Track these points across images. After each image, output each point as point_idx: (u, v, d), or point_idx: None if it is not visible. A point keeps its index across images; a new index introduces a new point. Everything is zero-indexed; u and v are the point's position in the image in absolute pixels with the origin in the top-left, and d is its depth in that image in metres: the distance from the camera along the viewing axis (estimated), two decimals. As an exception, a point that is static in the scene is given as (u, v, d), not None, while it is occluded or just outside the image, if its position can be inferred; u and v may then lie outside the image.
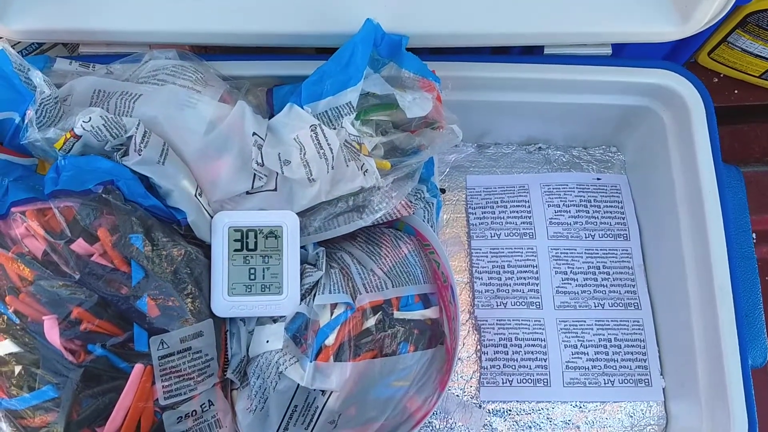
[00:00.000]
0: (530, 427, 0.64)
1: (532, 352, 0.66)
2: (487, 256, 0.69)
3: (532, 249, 0.70)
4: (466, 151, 0.74)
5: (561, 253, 0.70)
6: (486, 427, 0.64)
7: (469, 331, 0.67)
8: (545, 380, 0.65)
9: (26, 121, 0.48)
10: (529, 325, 0.67)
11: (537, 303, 0.68)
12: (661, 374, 0.66)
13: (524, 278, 0.69)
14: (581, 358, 0.66)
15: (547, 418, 0.65)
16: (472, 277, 0.69)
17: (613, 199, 0.72)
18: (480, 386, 0.64)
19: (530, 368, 0.65)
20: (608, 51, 0.62)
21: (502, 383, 0.65)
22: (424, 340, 0.54)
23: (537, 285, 0.69)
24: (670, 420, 0.65)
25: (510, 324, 0.67)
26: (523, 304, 0.68)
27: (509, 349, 0.66)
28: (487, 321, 0.67)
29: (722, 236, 0.59)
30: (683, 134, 0.63)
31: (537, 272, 0.69)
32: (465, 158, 0.74)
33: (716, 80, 0.80)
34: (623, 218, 0.72)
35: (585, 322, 0.68)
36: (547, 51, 0.62)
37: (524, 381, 0.65)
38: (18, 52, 0.61)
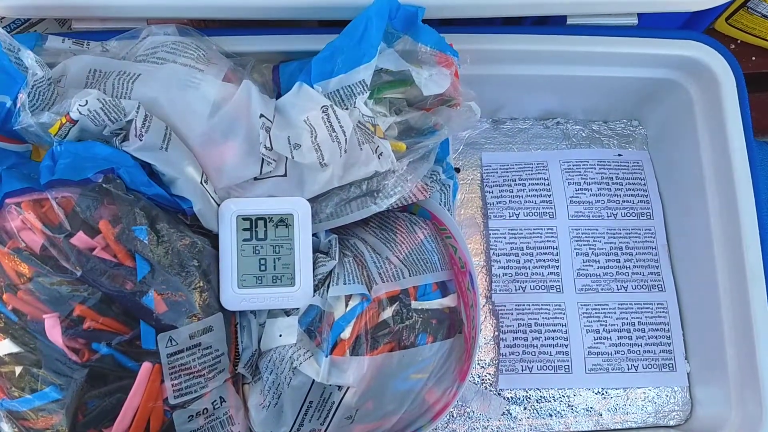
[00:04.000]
0: (551, 414, 0.63)
1: (553, 338, 0.64)
2: (505, 237, 0.67)
3: (552, 230, 0.67)
4: (480, 127, 0.72)
5: (582, 233, 0.67)
6: (505, 414, 0.62)
7: (486, 316, 0.65)
8: (567, 367, 0.63)
9: (18, 105, 0.45)
10: (549, 309, 0.65)
11: (557, 287, 0.66)
12: (686, 359, 0.64)
13: (544, 260, 0.66)
14: (604, 343, 0.64)
15: (568, 406, 0.63)
16: (489, 260, 0.66)
17: (635, 176, 0.70)
18: (498, 374, 0.62)
19: (551, 354, 0.63)
20: (634, 21, 0.59)
21: (522, 370, 0.63)
22: (442, 330, 0.52)
23: (557, 268, 0.66)
24: (695, 406, 0.63)
25: (529, 309, 0.65)
26: (543, 288, 0.66)
27: (528, 335, 0.64)
28: (505, 306, 0.65)
29: (754, 216, 0.57)
30: (712, 108, 0.61)
31: (557, 254, 0.67)
32: (479, 134, 0.71)
33: (733, 46, 0.78)
34: (646, 196, 0.69)
35: (607, 305, 0.65)
36: (570, 21, 0.59)
37: (545, 368, 0.63)
38: (4, 27, 0.59)
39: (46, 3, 0.53)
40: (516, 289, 0.65)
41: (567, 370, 0.63)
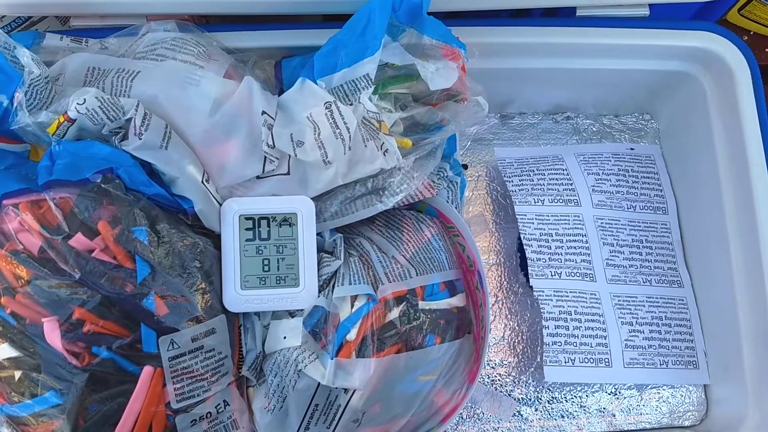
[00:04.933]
0: (563, 416, 0.61)
1: (593, 329, 0.61)
2: (533, 223, 0.64)
3: (579, 217, 0.64)
4: (488, 122, 0.70)
5: (606, 223, 0.65)
6: (516, 416, 0.61)
7: (496, 316, 0.64)
8: (606, 360, 0.60)
9: (15, 105, 0.44)
10: (585, 298, 0.62)
11: (591, 275, 0.63)
12: (705, 356, 0.63)
13: (575, 247, 0.64)
14: (638, 337, 0.61)
15: (581, 406, 0.62)
16: (510, 250, 0.64)
17: (649, 170, 0.68)
18: (543, 365, 0.59)
19: (591, 346, 0.60)
20: (645, 12, 0.58)
21: (565, 362, 0.59)
22: (451, 331, 0.51)
23: (588, 255, 0.63)
24: (710, 406, 0.62)
25: (568, 296, 0.62)
26: (578, 275, 0.63)
27: (570, 324, 0.60)
28: (543, 292, 0.61)
29: (771, 211, 0.55)
30: (726, 101, 0.60)
31: (587, 242, 0.64)
32: (487, 130, 0.70)
33: (746, 38, 0.77)
34: (660, 190, 0.67)
35: (636, 297, 0.63)
36: (579, 13, 0.58)
37: (586, 360, 0.60)
38: (5, 26, 0.58)
39: (44, 0, 0.52)
40: (552, 275, 0.62)
41: (607, 364, 0.60)
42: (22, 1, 0.53)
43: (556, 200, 0.65)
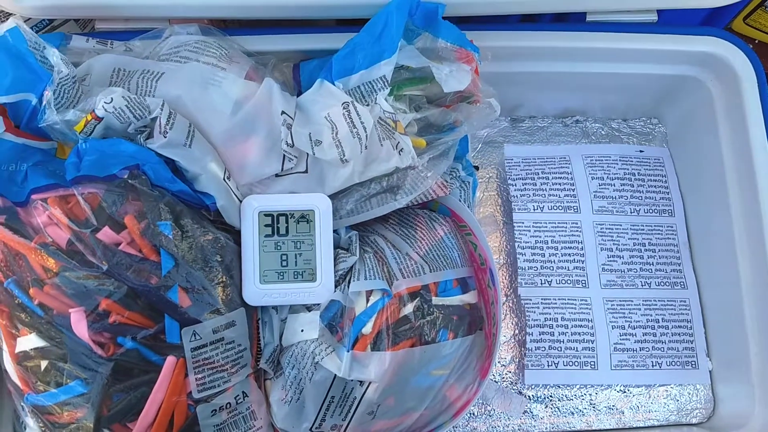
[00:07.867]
0: (572, 413, 0.62)
1: (579, 333, 0.63)
2: (530, 231, 0.66)
3: (577, 224, 0.66)
4: (499, 125, 0.71)
5: (606, 228, 0.67)
6: (526, 413, 0.62)
7: (507, 314, 0.65)
8: (592, 363, 0.62)
9: (44, 103, 0.45)
10: (575, 304, 0.64)
11: (583, 281, 0.65)
12: (708, 356, 0.64)
13: (569, 254, 0.66)
14: (629, 340, 0.63)
15: (590, 404, 0.62)
16: (514, 253, 0.66)
17: (656, 173, 0.69)
18: (524, 369, 0.62)
19: (577, 350, 0.62)
20: (654, 18, 0.59)
21: (548, 366, 0.62)
22: (463, 327, 0.52)
23: (582, 262, 0.65)
24: (717, 403, 0.63)
25: (555, 303, 0.64)
26: (569, 282, 0.65)
27: (555, 330, 0.63)
28: (531, 300, 0.64)
29: (776, 213, 0.56)
30: (732, 105, 0.61)
31: (582, 248, 0.66)
32: (498, 133, 0.71)
33: (751, 47, 0.77)
34: (667, 193, 0.68)
35: (632, 301, 0.65)
36: (589, 18, 0.59)
37: (571, 363, 0.62)
38: (29, 30, 0.59)
39: (71, 3, 0.54)
40: (542, 283, 0.64)
41: (593, 366, 0.62)
42: (48, 4, 0.54)
43: (556, 207, 0.67)
